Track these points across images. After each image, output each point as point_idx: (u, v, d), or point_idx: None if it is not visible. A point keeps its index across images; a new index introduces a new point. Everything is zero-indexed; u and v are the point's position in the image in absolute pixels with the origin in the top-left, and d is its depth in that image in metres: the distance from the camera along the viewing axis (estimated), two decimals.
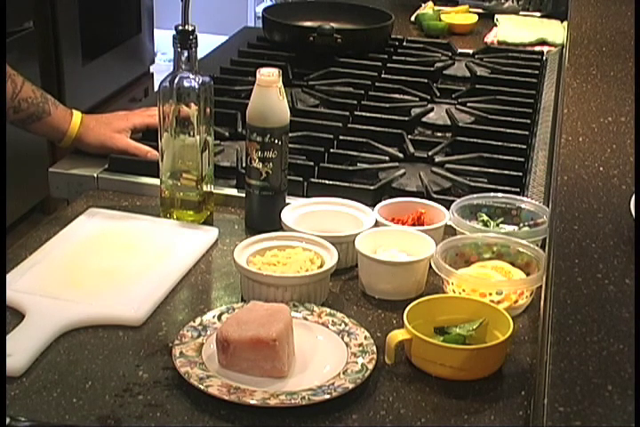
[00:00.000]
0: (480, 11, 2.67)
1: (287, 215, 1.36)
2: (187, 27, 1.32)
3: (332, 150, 1.63)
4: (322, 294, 1.23)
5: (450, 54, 2.24)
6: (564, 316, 0.84)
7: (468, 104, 1.88)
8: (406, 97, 1.93)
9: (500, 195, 1.42)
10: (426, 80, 2.01)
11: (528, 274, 1.25)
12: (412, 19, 2.59)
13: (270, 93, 1.33)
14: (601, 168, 1.15)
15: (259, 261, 1.24)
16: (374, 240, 1.29)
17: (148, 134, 1.61)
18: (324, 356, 1.11)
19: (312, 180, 1.51)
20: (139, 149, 1.56)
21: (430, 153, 1.63)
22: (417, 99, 1.92)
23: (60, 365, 1.09)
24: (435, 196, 1.46)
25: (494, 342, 1.10)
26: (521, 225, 1.39)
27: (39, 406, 1.01)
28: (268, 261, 1.24)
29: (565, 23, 2.25)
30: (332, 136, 1.68)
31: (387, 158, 1.61)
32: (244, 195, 1.42)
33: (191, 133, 1.36)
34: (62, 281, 1.23)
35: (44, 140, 2.21)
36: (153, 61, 3.68)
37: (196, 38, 1.32)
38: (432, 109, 1.85)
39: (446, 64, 2.16)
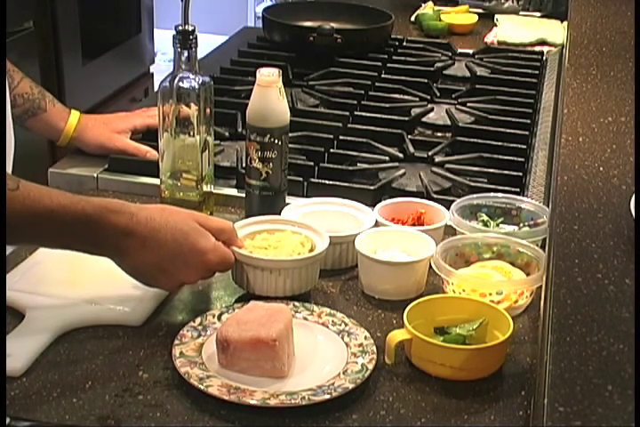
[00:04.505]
0: (480, 11, 2.67)
1: (287, 215, 1.36)
2: (187, 27, 1.31)
3: (332, 150, 1.63)
4: (314, 278, 1.24)
5: (450, 54, 2.24)
6: (564, 316, 0.84)
7: (468, 104, 1.88)
8: (406, 97, 1.93)
9: (500, 195, 1.42)
10: (426, 80, 2.01)
11: (528, 274, 1.25)
12: (412, 19, 2.59)
13: (270, 93, 1.33)
14: (601, 168, 1.15)
15: (249, 244, 1.24)
16: (374, 240, 1.29)
17: (148, 134, 1.61)
18: (324, 356, 1.11)
19: (312, 180, 1.51)
20: (138, 149, 1.56)
21: (430, 153, 1.63)
22: (417, 99, 1.92)
23: (60, 365, 1.09)
24: (435, 196, 1.46)
25: (494, 342, 1.10)
26: (521, 225, 1.39)
27: (39, 406, 1.01)
28: (259, 244, 1.24)
29: (565, 23, 2.25)
30: (332, 136, 1.68)
31: (387, 158, 1.61)
32: (244, 195, 1.42)
33: (191, 133, 1.36)
34: (62, 281, 1.24)
35: (44, 140, 2.21)
36: (153, 61, 3.68)
37: (195, 38, 1.32)
38: (432, 109, 1.85)
39: (446, 64, 2.16)
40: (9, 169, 1.35)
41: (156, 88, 1.63)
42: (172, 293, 1.23)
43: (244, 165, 1.44)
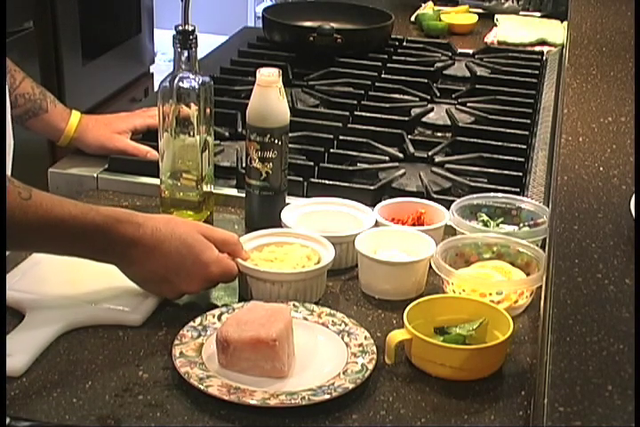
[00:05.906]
0: (480, 11, 2.67)
1: (287, 215, 1.36)
2: (187, 27, 1.31)
3: (332, 150, 1.63)
4: (318, 291, 1.23)
5: (450, 54, 2.24)
6: (564, 316, 0.84)
7: (468, 104, 1.88)
8: (406, 97, 1.93)
9: (500, 195, 1.42)
10: (426, 80, 2.01)
11: (528, 274, 1.25)
12: (412, 19, 2.59)
13: (270, 93, 1.33)
14: (601, 168, 1.15)
15: (256, 256, 1.24)
16: (374, 240, 1.29)
17: (148, 135, 1.61)
18: (323, 356, 1.11)
19: (312, 180, 1.51)
20: (138, 149, 1.56)
21: (430, 153, 1.63)
22: (417, 99, 1.92)
23: (60, 365, 1.09)
24: (435, 196, 1.46)
25: (494, 342, 1.10)
26: (521, 225, 1.39)
27: (39, 406, 1.01)
28: (266, 257, 1.25)
29: (565, 23, 2.25)
30: (332, 136, 1.68)
31: (387, 158, 1.61)
32: (244, 195, 1.42)
33: (191, 133, 1.36)
34: (62, 281, 1.23)
35: (45, 139, 2.21)
36: (153, 61, 3.68)
37: (195, 38, 1.32)
38: (432, 109, 1.85)
39: (446, 64, 2.16)
40: (9, 169, 1.35)
41: (155, 88, 1.63)
42: None
43: (243, 165, 1.44)
